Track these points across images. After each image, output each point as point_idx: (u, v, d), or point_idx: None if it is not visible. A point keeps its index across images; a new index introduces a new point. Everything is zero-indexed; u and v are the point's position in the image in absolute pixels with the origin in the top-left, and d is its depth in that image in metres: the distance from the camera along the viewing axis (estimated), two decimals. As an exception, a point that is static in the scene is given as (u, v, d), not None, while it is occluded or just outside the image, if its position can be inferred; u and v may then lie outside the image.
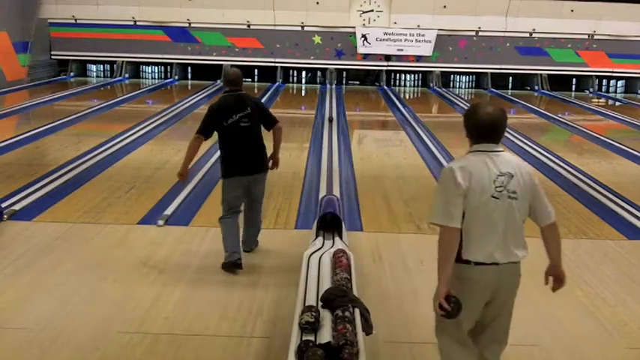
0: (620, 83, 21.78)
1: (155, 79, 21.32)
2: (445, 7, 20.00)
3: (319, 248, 5.27)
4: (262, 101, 6.25)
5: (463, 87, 21.71)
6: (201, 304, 4.96)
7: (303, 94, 20.24)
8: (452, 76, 21.64)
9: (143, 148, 10.87)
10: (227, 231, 5.63)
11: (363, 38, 20.29)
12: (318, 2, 19.94)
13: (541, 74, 21.10)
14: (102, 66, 21.47)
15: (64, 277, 5.46)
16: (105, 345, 4.32)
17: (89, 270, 5.62)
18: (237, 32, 20.34)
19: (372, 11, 20.39)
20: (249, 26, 20.28)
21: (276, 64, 20.77)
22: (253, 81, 20.94)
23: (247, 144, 5.66)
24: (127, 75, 20.86)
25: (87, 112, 14.61)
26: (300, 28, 20.42)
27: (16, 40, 18.38)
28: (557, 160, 10.54)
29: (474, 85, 21.74)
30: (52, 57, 20.87)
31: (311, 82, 21.27)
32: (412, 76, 21.56)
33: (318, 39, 20.60)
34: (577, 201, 8.22)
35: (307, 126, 13.38)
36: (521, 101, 18.66)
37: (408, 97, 19.78)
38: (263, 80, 20.87)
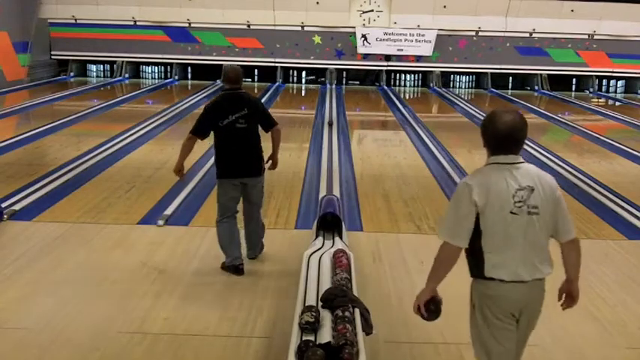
0: (620, 83, 21.78)
1: (155, 79, 21.31)
2: (445, 7, 20.00)
3: (319, 248, 5.28)
4: (262, 101, 6.06)
5: (463, 87, 21.71)
6: (201, 304, 4.96)
7: (303, 94, 20.24)
8: (452, 76, 21.63)
9: (143, 148, 10.87)
10: (225, 236, 5.53)
11: (363, 38, 20.29)
12: (318, 2, 19.93)
13: (541, 74, 21.09)
14: (102, 66, 21.47)
15: (64, 277, 5.47)
16: (105, 345, 4.32)
17: (89, 270, 5.62)
18: (237, 32, 20.34)
19: (372, 11, 20.39)
20: (249, 26, 20.28)
21: (276, 64, 20.77)
22: (253, 81, 20.94)
23: (243, 146, 5.47)
24: (127, 75, 20.86)
25: (87, 112, 14.60)
26: (300, 28, 20.42)
27: (16, 40, 18.38)
28: (557, 160, 10.54)
29: (474, 85, 21.74)
30: (52, 57, 20.87)
31: (311, 83, 21.25)
32: (412, 76, 21.55)
33: (318, 39, 20.60)
34: (577, 201, 8.22)
35: (307, 126, 13.38)
36: (521, 101, 18.65)
37: (408, 97, 19.78)
38: (263, 80, 20.86)
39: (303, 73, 21.38)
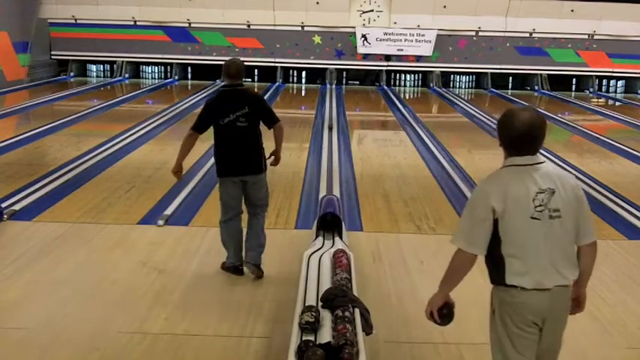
0: (620, 83, 21.77)
1: (155, 79, 21.31)
2: (445, 7, 19.99)
3: (319, 248, 5.28)
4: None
5: (463, 87, 21.71)
6: (201, 304, 4.96)
7: (303, 94, 20.24)
8: (452, 76, 21.63)
9: (143, 148, 10.87)
10: (227, 236, 5.44)
11: (363, 38, 20.28)
12: (318, 2, 19.93)
13: (541, 74, 21.09)
14: (102, 66, 21.46)
15: (64, 277, 5.47)
16: (105, 345, 4.32)
17: (89, 270, 5.62)
18: (237, 32, 20.34)
19: (372, 11, 20.38)
20: (249, 26, 20.28)
21: (276, 64, 20.77)
22: (253, 81, 20.93)
23: (243, 144, 5.31)
24: (127, 75, 20.86)
25: (87, 112, 14.60)
26: (300, 28, 20.42)
27: (16, 40, 18.38)
28: (557, 160, 10.53)
29: (474, 85, 21.74)
30: (52, 57, 20.87)
31: (311, 82, 21.25)
32: (412, 76, 21.55)
33: (318, 39, 20.60)
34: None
35: (307, 126, 13.39)
36: (521, 101, 18.64)
37: (408, 97, 19.78)
38: (263, 80, 20.86)
39: (303, 74, 21.37)
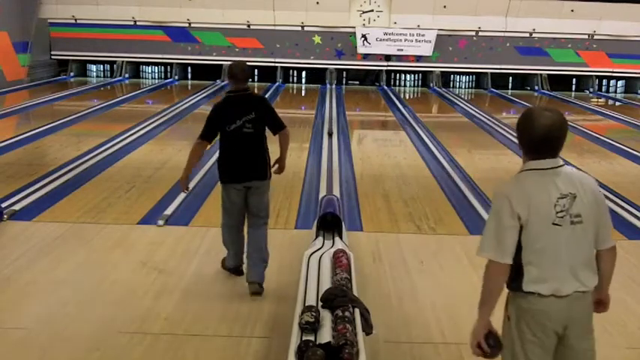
0: (620, 83, 21.77)
1: (155, 79, 21.31)
2: (445, 7, 19.99)
3: (319, 248, 5.27)
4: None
5: (463, 87, 21.70)
6: (201, 304, 4.96)
7: (303, 94, 20.24)
8: (452, 76, 21.63)
9: (143, 148, 10.86)
10: (229, 240, 5.35)
11: (363, 38, 20.28)
12: (318, 2, 19.93)
13: (541, 74, 21.08)
14: (102, 66, 21.46)
15: (63, 277, 5.46)
16: (105, 345, 4.32)
17: (89, 270, 5.62)
18: (237, 32, 20.33)
19: (372, 11, 20.38)
20: (249, 26, 20.28)
21: (276, 64, 20.77)
22: (253, 81, 20.91)
23: (248, 151, 5.16)
24: (127, 75, 20.86)
25: (87, 112, 14.60)
26: (300, 28, 20.42)
27: (16, 40, 18.37)
28: (557, 160, 10.52)
29: (474, 85, 21.74)
30: (52, 57, 20.86)
31: (311, 82, 21.26)
32: (412, 76, 21.55)
33: (318, 39, 20.60)
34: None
35: (307, 126, 13.39)
36: (521, 101, 18.64)
37: (408, 97, 19.78)
38: (263, 80, 20.85)
39: (303, 74, 21.38)
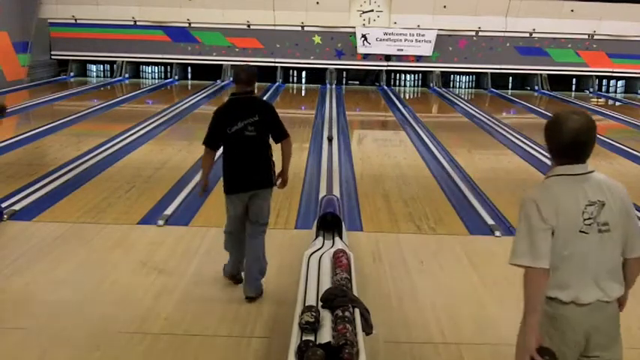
0: (620, 83, 21.78)
1: (155, 79, 21.31)
2: (445, 7, 20.00)
3: (319, 248, 5.27)
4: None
5: (463, 87, 21.71)
6: (201, 304, 4.96)
7: (303, 94, 20.25)
8: (452, 76, 21.63)
9: (143, 148, 10.86)
10: (231, 247, 5.24)
11: (363, 38, 20.28)
12: (318, 2, 19.93)
13: (541, 74, 21.10)
14: (102, 66, 21.47)
15: (63, 277, 5.47)
16: (105, 345, 4.32)
17: (89, 270, 5.62)
18: (237, 32, 20.34)
19: (372, 11, 20.38)
20: (249, 26, 20.28)
21: (276, 64, 20.77)
22: (253, 81, 20.91)
23: (251, 156, 5.02)
24: (127, 75, 20.86)
25: (87, 112, 14.61)
26: (300, 28, 20.42)
27: (16, 40, 18.38)
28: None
29: (474, 85, 21.74)
30: (52, 57, 20.87)
31: (311, 82, 21.27)
32: (412, 76, 21.55)
33: (318, 39, 20.60)
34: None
35: (307, 126, 13.39)
36: (521, 101, 18.66)
37: (408, 97, 19.78)
38: (263, 80, 20.82)
39: (303, 73, 21.37)
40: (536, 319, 2.76)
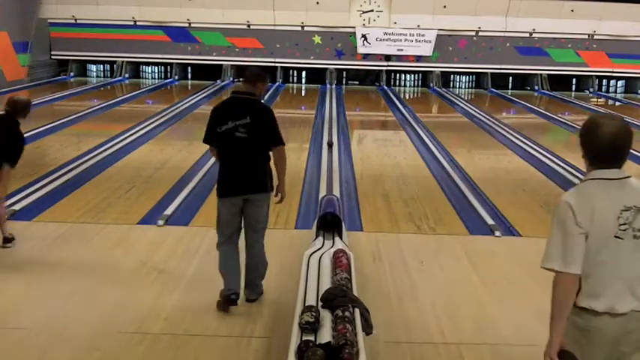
0: (620, 83, 21.78)
1: (155, 79, 21.32)
2: (445, 7, 20.00)
3: (319, 248, 5.27)
4: (271, 109, 5.07)
5: (463, 87, 21.71)
6: (201, 304, 4.95)
7: (303, 94, 20.25)
8: (452, 76, 21.63)
9: (143, 148, 10.86)
10: (224, 263, 4.91)
11: (363, 38, 20.29)
12: (318, 2, 19.93)
13: (541, 74, 21.10)
14: (102, 66, 21.47)
15: (64, 277, 5.46)
16: (105, 345, 4.32)
17: (89, 270, 5.62)
18: (237, 32, 20.34)
19: (372, 11, 20.38)
20: (249, 26, 20.28)
21: (276, 64, 20.77)
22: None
23: (242, 159, 4.80)
24: (127, 75, 20.87)
25: (87, 112, 14.61)
26: (300, 28, 20.42)
27: (16, 40, 18.38)
28: (557, 160, 10.54)
29: (474, 85, 21.75)
30: (52, 57, 20.87)
31: (311, 82, 21.27)
32: (412, 76, 21.55)
33: (318, 39, 20.60)
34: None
35: (307, 126, 13.39)
36: (521, 101, 18.66)
37: (408, 97, 19.78)
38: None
39: (303, 73, 21.37)
40: (562, 325, 2.75)
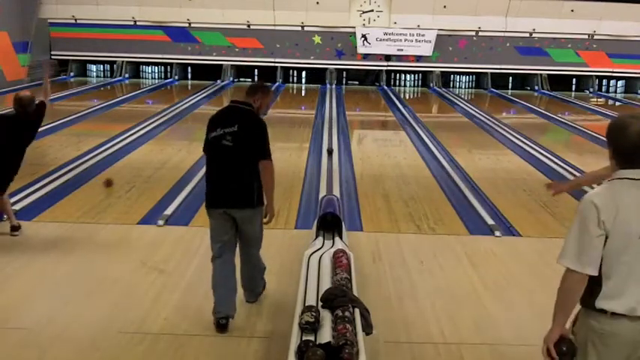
0: (620, 83, 21.78)
1: (155, 79, 21.31)
2: (445, 7, 20.00)
3: (319, 248, 5.27)
4: (265, 125, 4.75)
5: (463, 87, 21.71)
6: (201, 304, 4.94)
7: (303, 94, 20.25)
8: (452, 76, 21.64)
9: (143, 148, 10.86)
10: (214, 281, 4.69)
11: (363, 38, 20.29)
12: (318, 2, 19.93)
13: (541, 74, 21.10)
14: (102, 66, 21.47)
15: (63, 276, 5.47)
16: (105, 345, 4.32)
17: (89, 270, 5.62)
18: (237, 32, 20.34)
19: (372, 11, 20.39)
20: (249, 26, 20.28)
21: (276, 64, 20.77)
22: (253, 81, 20.93)
23: (226, 169, 4.57)
24: (127, 75, 20.86)
25: (87, 112, 14.61)
26: (300, 28, 20.42)
27: (16, 40, 18.37)
28: (557, 160, 10.54)
29: (474, 85, 21.75)
30: (52, 57, 20.85)
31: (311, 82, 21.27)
32: (412, 76, 21.55)
33: (318, 39, 20.60)
34: (577, 201, 8.20)
35: (307, 126, 13.38)
36: (521, 101, 18.66)
37: (408, 97, 19.78)
38: (263, 80, 20.86)
39: (303, 73, 21.38)
40: (565, 318, 2.78)
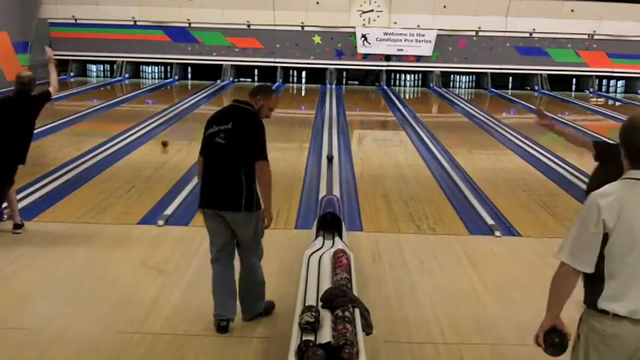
0: (620, 83, 21.79)
1: (155, 79, 21.32)
2: (445, 7, 20.00)
3: (319, 248, 5.27)
4: (262, 125, 4.60)
5: (463, 87, 21.71)
6: (201, 304, 4.94)
7: (303, 94, 20.25)
8: (452, 76, 21.63)
9: (143, 148, 10.87)
10: (214, 285, 4.64)
11: (363, 38, 20.29)
12: (318, 2, 19.93)
13: (541, 74, 21.10)
14: (102, 66, 21.47)
15: (64, 277, 5.47)
16: (105, 345, 4.32)
17: (89, 270, 5.62)
18: (237, 32, 20.34)
19: (372, 11, 20.39)
20: (249, 26, 20.28)
21: (276, 64, 20.77)
22: (253, 81, 20.94)
23: (218, 168, 4.48)
24: (127, 75, 20.86)
25: (87, 112, 14.61)
26: (300, 28, 20.42)
27: (16, 40, 18.38)
28: (557, 160, 10.54)
29: (474, 85, 21.75)
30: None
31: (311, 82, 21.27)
32: (412, 76, 21.55)
33: (318, 39, 20.60)
34: (577, 201, 8.22)
35: (307, 126, 13.38)
36: (521, 101, 18.65)
37: (408, 97, 19.79)
38: (263, 80, 20.83)
39: (303, 73, 21.38)
40: (557, 310, 2.81)
